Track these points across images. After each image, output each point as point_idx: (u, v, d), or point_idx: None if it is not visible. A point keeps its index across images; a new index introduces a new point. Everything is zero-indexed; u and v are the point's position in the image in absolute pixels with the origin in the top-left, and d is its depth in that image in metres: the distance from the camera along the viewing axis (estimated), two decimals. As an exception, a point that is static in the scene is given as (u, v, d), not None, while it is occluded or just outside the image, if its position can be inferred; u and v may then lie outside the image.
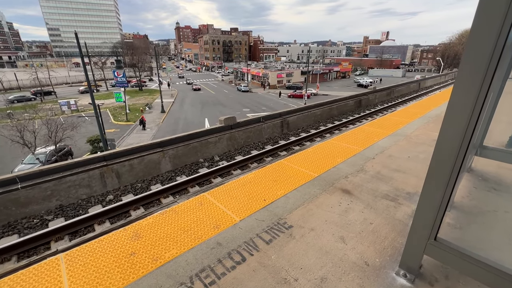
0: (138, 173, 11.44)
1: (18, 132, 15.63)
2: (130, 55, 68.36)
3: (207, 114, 32.92)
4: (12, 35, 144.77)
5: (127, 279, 2.76)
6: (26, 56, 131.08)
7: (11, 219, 8.84)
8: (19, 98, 43.51)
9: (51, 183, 9.40)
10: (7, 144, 15.87)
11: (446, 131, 1.90)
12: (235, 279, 2.72)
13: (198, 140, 13.22)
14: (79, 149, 19.30)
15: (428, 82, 45.03)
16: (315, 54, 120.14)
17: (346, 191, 4.38)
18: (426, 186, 2.13)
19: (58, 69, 75.31)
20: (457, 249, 2.14)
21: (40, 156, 15.16)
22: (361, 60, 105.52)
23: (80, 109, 35.94)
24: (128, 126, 27.69)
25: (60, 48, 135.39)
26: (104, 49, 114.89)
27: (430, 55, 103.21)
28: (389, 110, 23.06)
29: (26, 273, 2.87)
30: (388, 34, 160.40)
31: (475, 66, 1.67)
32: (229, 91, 54.68)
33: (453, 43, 79.42)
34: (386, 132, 7.50)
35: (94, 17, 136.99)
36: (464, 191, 3.68)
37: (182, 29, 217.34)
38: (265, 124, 16.30)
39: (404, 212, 3.76)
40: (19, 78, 55.67)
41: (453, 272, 2.65)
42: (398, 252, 2.95)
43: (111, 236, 3.42)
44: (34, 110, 24.17)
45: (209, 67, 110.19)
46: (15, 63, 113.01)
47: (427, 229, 2.25)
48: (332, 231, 3.39)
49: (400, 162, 5.47)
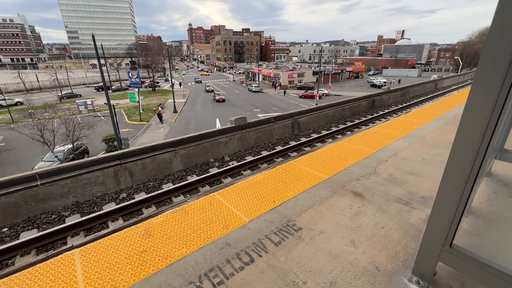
0: (150, 172, 11.68)
1: (39, 130, 16.34)
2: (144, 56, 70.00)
3: (218, 114, 33.20)
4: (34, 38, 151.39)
5: (138, 276, 2.82)
6: (46, 58, 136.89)
7: (31, 214, 9.25)
8: (69, 94, 50.52)
9: (68, 180, 9.76)
10: (29, 142, 16.62)
11: (463, 132, 1.83)
12: (243, 280, 2.72)
13: (209, 140, 13.35)
14: (95, 147, 19.95)
15: (445, 82, 43.53)
16: (328, 54, 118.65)
17: (358, 194, 4.29)
18: (442, 190, 2.05)
19: (76, 70, 78.09)
20: (473, 257, 2.05)
21: (58, 154, 15.78)
22: (375, 60, 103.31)
23: (96, 109, 37.14)
24: (142, 126, 28.35)
25: (78, 50, 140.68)
26: (120, 51, 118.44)
27: (448, 54, 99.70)
28: (403, 111, 22.47)
29: (44, 267, 2.98)
30: (403, 33, 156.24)
31: (495, 65, 1.59)
32: (240, 91, 54.92)
33: (472, 41, 76.38)
34: (400, 134, 7.30)
35: (110, 19, 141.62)
36: (483, 196, 3.51)
37: (194, 30, 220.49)
38: (275, 124, 16.26)
39: (418, 217, 3.64)
40: (40, 79, 58.17)
41: (469, 281, 2.54)
42: (411, 258, 2.86)
43: (123, 234, 3.51)
44: (54, 109, 25.19)
45: (220, 68, 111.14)
46: (36, 65, 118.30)
47: (442, 235, 2.16)
48: (343, 235, 3.33)
49: (415, 165, 5.31)
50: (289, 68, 62.94)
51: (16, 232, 8.50)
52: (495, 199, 3.58)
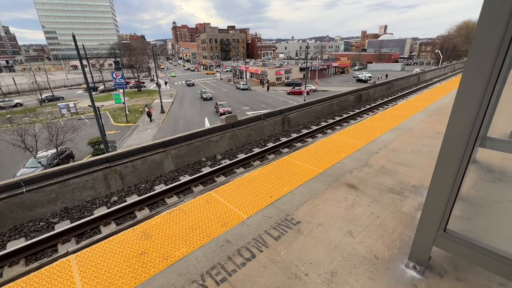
0: (141, 173, 11.47)
1: (19, 136, 15.64)
2: (127, 56, 68.13)
3: (207, 113, 32.88)
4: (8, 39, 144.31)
5: (139, 278, 2.79)
6: (23, 60, 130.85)
7: (17, 223, 8.89)
8: (50, 97, 47.87)
9: (55, 186, 9.44)
10: (9, 149, 15.88)
11: (454, 122, 1.91)
12: (246, 275, 2.75)
13: (200, 139, 13.24)
14: (80, 151, 19.31)
15: (427, 75, 44.91)
16: (313, 50, 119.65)
17: (352, 185, 4.40)
18: (435, 178, 2.14)
19: (56, 72, 74.96)
20: (467, 240, 2.16)
21: (41, 160, 15.18)
22: (359, 55, 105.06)
23: (79, 112, 35.91)
24: (128, 128, 27.69)
25: (57, 51, 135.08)
26: (102, 51, 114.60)
27: (429, 48, 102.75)
28: (390, 104, 23.03)
29: (39, 275, 2.89)
30: (386, 28, 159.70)
31: (483, 57, 1.67)
32: (228, 89, 54.57)
33: (451, 35, 79.03)
34: (389, 127, 7.50)
35: (90, 19, 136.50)
36: (469, 183, 3.68)
37: (179, 29, 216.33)
38: (266, 121, 16.30)
39: (410, 205, 3.78)
40: (18, 82, 55.52)
41: (462, 263, 2.67)
42: (407, 245, 2.97)
43: (120, 237, 3.45)
44: (34, 113, 24.15)
45: (207, 66, 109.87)
46: (12, 68, 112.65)
47: (436, 221, 2.26)
48: (340, 226, 3.41)
49: (404, 156, 5.48)
50: (276, 65, 63.01)
51: (2, 242, 8.15)
52: (481, 184, 3.76)
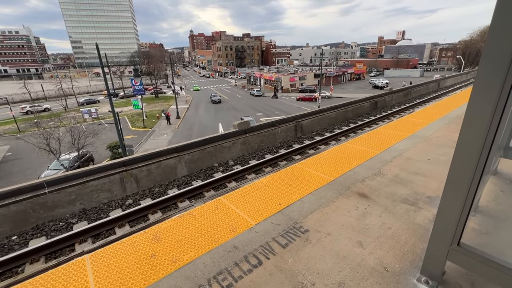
0: (156, 177, 11.77)
1: (45, 139, 16.58)
2: (146, 63, 70.88)
3: (221, 119, 33.37)
4: (38, 49, 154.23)
5: (148, 280, 2.86)
6: (51, 68, 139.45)
7: (39, 222, 9.35)
8: (87, 101, 53.59)
9: (75, 187, 9.88)
10: (35, 151, 16.85)
11: (466, 131, 1.85)
12: (252, 282, 2.74)
13: (213, 145, 13.43)
14: (99, 155, 20.15)
15: (448, 81, 43.31)
16: (328, 56, 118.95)
17: (363, 195, 4.30)
18: (447, 188, 2.07)
19: (80, 79, 79.37)
20: (482, 255, 2.06)
21: (64, 162, 15.97)
22: (376, 61, 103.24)
23: (100, 117, 37.58)
24: (145, 132, 28.60)
25: (82, 59, 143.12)
26: (122, 59, 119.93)
27: (450, 54, 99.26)
28: (406, 111, 22.37)
29: (56, 272, 3.04)
30: (404, 34, 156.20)
31: (496, 63, 1.62)
32: (242, 96, 55.20)
33: (474, 40, 76.03)
34: (404, 134, 7.29)
35: (113, 29, 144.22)
36: (490, 195, 3.50)
37: (195, 37, 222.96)
38: (278, 128, 16.31)
39: (424, 217, 3.64)
40: (45, 88, 59.13)
41: (479, 280, 2.53)
42: (419, 258, 2.85)
43: (132, 239, 3.55)
44: (59, 118, 25.55)
45: (222, 73, 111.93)
46: (41, 75, 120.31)
47: (449, 234, 2.17)
48: (350, 236, 3.34)
49: (420, 165, 5.30)
50: (291, 71, 63.17)
51: (25, 240, 8.60)
52: (502, 197, 3.56)
